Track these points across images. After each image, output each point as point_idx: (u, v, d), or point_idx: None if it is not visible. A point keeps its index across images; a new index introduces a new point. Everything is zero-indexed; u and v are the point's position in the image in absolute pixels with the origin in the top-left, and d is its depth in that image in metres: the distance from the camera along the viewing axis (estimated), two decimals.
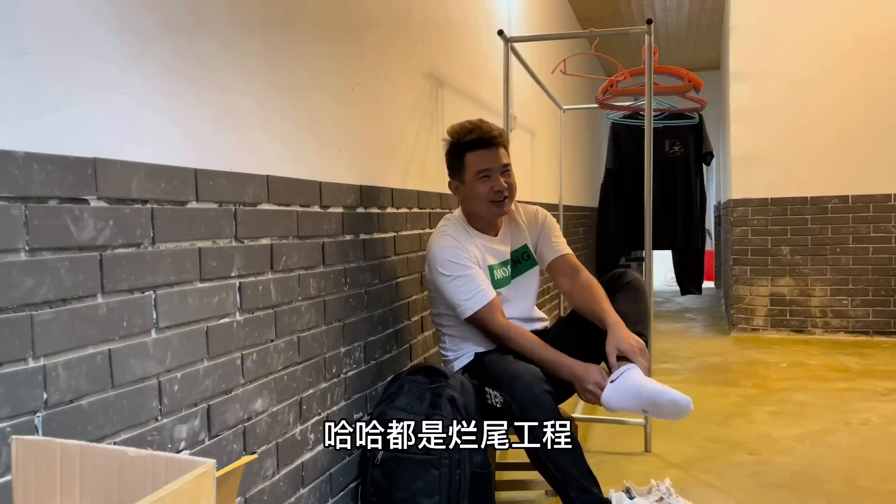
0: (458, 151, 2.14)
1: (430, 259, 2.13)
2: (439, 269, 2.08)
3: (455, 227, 2.18)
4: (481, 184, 2.11)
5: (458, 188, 2.19)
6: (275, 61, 1.65)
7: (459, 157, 2.14)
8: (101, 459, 0.89)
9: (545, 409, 1.82)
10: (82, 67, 1.11)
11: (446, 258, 2.08)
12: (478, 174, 2.11)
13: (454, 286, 2.06)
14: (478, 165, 2.11)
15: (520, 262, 2.28)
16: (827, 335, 5.36)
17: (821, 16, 5.36)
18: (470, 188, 2.14)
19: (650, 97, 2.87)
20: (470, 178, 2.12)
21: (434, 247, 2.13)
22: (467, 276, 2.05)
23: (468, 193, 2.15)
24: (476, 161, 2.11)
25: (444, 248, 2.10)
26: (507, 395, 1.88)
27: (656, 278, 8.81)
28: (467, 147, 2.11)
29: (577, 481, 1.82)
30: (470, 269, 2.07)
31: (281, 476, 1.64)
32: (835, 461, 2.72)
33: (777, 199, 5.48)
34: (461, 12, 3.19)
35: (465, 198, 2.18)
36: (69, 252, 1.08)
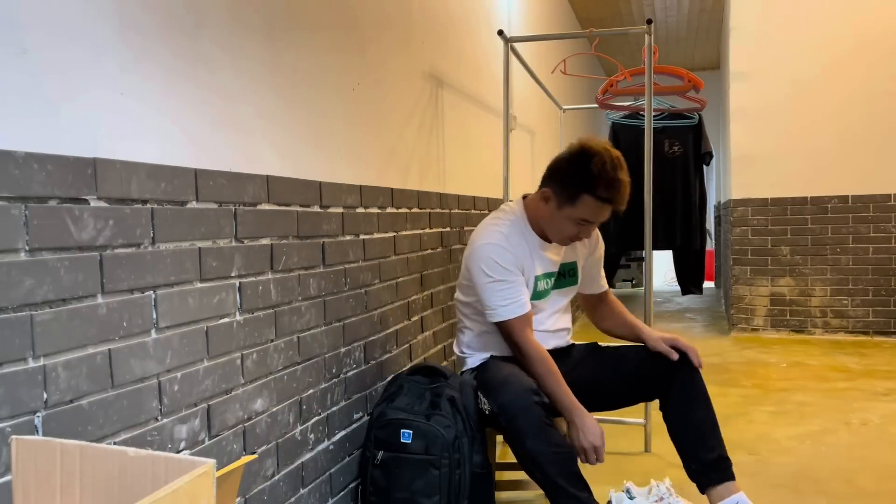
0: (583, 185, 1.92)
1: (474, 251, 1.99)
2: (482, 267, 1.95)
3: (511, 226, 2.02)
4: (573, 225, 1.98)
5: (549, 201, 1.99)
6: (275, 62, 1.65)
7: (578, 189, 1.93)
8: (101, 459, 0.89)
9: (531, 420, 1.78)
10: (82, 67, 1.11)
11: (492, 257, 1.94)
12: (581, 219, 1.96)
13: (492, 288, 1.94)
14: (588, 215, 1.95)
15: (564, 276, 2.16)
16: (827, 335, 5.36)
17: (821, 16, 5.36)
18: (560, 218, 1.98)
19: (650, 97, 2.86)
20: (568, 215, 1.96)
21: (482, 241, 1.99)
22: (508, 281, 1.94)
23: (554, 217, 1.99)
24: (589, 210, 1.94)
25: (493, 245, 1.96)
26: (495, 405, 1.84)
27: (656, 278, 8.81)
28: (595, 194, 1.91)
29: (565, 490, 1.79)
30: (513, 275, 1.95)
31: (281, 476, 1.64)
32: (835, 461, 2.72)
33: (777, 199, 5.48)
34: (461, 12, 3.19)
35: (547, 218, 2.01)
36: (69, 252, 1.08)
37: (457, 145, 3.07)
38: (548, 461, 1.78)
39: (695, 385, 2.02)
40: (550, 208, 1.99)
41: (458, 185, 3.04)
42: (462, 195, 3.08)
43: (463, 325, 2.16)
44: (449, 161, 2.94)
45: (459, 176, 3.09)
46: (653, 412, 2.73)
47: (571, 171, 1.95)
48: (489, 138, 3.54)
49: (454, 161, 3.02)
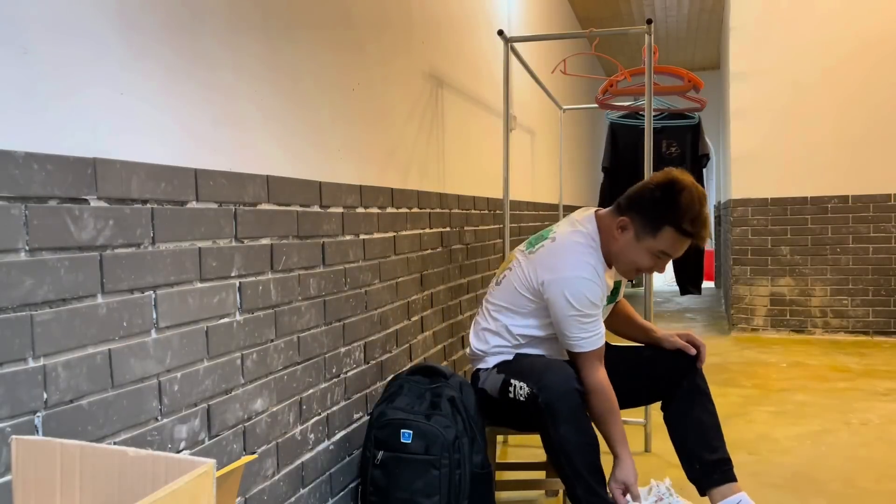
0: (666, 219, 1.88)
1: (562, 282, 1.89)
2: (570, 300, 1.87)
3: (596, 257, 1.94)
4: (651, 258, 1.93)
5: (625, 231, 1.93)
6: (275, 61, 1.65)
7: (660, 222, 1.88)
8: (101, 459, 0.89)
9: (570, 405, 1.80)
10: (82, 66, 1.11)
11: (584, 294, 1.87)
12: (659, 251, 1.91)
13: (579, 322, 1.89)
14: (668, 248, 1.90)
15: (613, 294, 2.13)
16: (827, 335, 5.36)
17: (821, 16, 5.36)
18: (636, 249, 1.93)
19: (650, 97, 2.86)
20: (648, 247, 1.91)
21: (572, 274, 1.90)
22: (595, 316, 1.91)
23: (629, 248, 1.93)
24: (671, 243, 1.89)
25: (586, 281, 1.88)
26: (535, 386, 1.83)
27: (656, 278, 8.81)
28: (678, 228, 1.87)
29: (586, 482, 1.81)
30: (598, 308, 1.92)
31: (281, 476, 1.64)
32: (835, 461, 2.72)
33: (777, 199, 5.48)
34: (461, 12, 3.19)
35: (622, 246, 1.94)
36: (69, 252, 1.08)
37: (457, 145, 3.07)
38: (576, 449, 1.80)
39: (698, 385, 2.02)
40: (627, 238, 1.93)
41: (458, 185, 3.04)
42: (462, 195, 3.08)
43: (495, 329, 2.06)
44: (449, 161, 2.94)
45: (459, 176, 3.09)
46: (653, 412, 2.74)
47: (657, 202, 1.89)
48: (489, 138, 3.54)
49: (454, 161, 3.02)
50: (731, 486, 1.94)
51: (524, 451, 2.86)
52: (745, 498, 1.92)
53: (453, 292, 2.94)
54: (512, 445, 2.95)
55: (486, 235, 3.42)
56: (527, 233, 4.37)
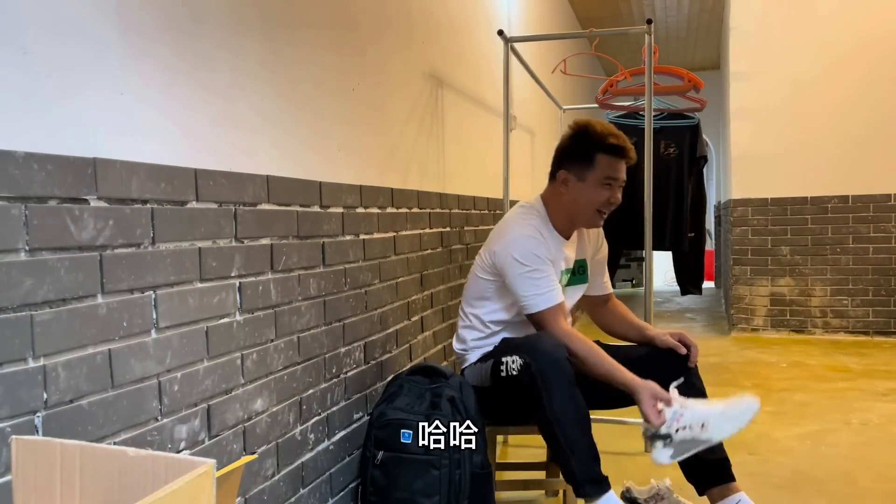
0: (592, 148, 2.02)
1: (508, 243, 2.01)
2: (516, 257, 1.97)
3: (539, 221, 2.06)
4: (603, 189, 2.02)
5: (567, 181, 2.05)
6: (275, 62, 1.65)
7: (589, 154, 2.02)
8: (101, 459, 0.89)
9: (563, 373, 1.81)
10: (82, 67, 1.11)
11: (529, 249, 1.97)
12: (605, 178, 2.02)
13: (528, 278, 1.96)
14: (608, 171, 2.02)
15: (576, 273, 2.19)
16: (827, 335, 5.36)
17: (821, 16, 5.36)
18: (588, 189, 2.03)
19: (650, 97, 2.86)
20: (593, 180, 2.02)
21: (516, 234, 2.02)
22: (544, 271, 1.97)
23: (581, 194, 2.04)
24: (608, 166, 2.01)
25: (529, 238, 2.00)
26: (527, 356, 1.83)
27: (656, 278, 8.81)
28: (606, 149, 2.01)
29: (581, 454, 1.80)
30: (548, 266, 1.99)
31: (281, 476, 1.64)
32: (835, 461, 2.72)
33: (777, 199, 5.47)
34: (461, 12, 3.19)
35: (574, 196, 2.05)
36: (69, 252, 1.08)
37: (457, 145, 3.07)
38: (571, 422, 1.80)
39: (694, 385, 2.02)
40: (573, 187, 2.05)
41: (458, 185, 3.04)
42: (462, 195, 3.08)
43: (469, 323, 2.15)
44: (449, 161, 2.94)
45: (459, 176, 3.09)
46: None
47: (576, 142, 2.05)
48: (489, 138, 3.54)
49: (454, 161, 3.02)
50: (730, 486, 1.94)
51: (524, 451, 2.86)
52: (744, 498, 1.92)
53: (453, 292, 2.93)
54: (512, 445, 2.95)
55: (486, 235, 3.40)
56: None
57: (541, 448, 2.60)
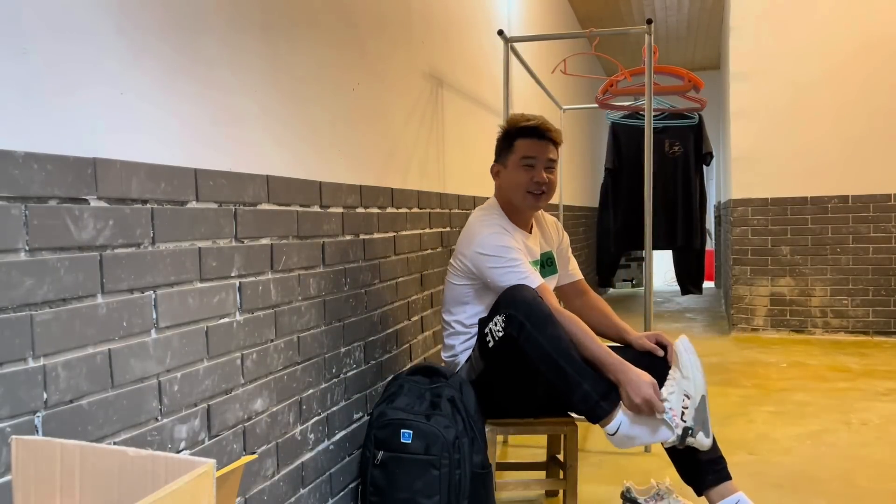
0: (511, 135, 2.16)
1: (476, 245, 2.05)
2: (488, 253, 2.02)
3: (499, 218, 2.14)
4: (523, 171, 2.11)
5: (498, 172, 2.19)
6: (275, 61, 1.65)
7: (509, 141, 2.15)
8: (101, 459, 0.89)
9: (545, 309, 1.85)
10: (82, 66, 1.11)
11: (496, 243, 2.02)
12: (522, 159, 2.11)
13: (506, 270, 1.99)
14: (525, 151, 2.12)
15: (544, 266, 2.24)
16: (827, 335, 5.36)
17: (821, 16, 5.36)
18: (511, 174, 2.13)
19: (650, 97, 2.86)
20: (513, 163, 2.13)
21: (482, 233, 2.07)
22: (518, 259, 2.01)
23: (508, 179, 2.15)
24: (524, 147, 2.12)
25: (494, 234, 2.05)
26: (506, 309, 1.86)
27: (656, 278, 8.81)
28: (520, 133, 2.13)
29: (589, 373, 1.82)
30: (520, 254, 2.03)
31: (281, 476, 1.64)
32: (835, 461, 2.72)
33: (777, 199, 5.47)
34: (461, 12, 3.19)
35: (504, 184, 2.17)
36: (69, 252, 1.08)
37: (457, 145, 3.07)
38: (568, 348, 1.83)
39: None
40: (502, 175, 2.18)
41: (458, 185, 3.04)
42: (462, 195, 3.08)
43: (450, 330, 2.19)
44: (449, 161, 2.94)
45: (459, 176, 3.09)
46: None
47: (502, 134, 2.22)
48: (489, 138, 3.53)
49: (454, 161, 3.02)
50: (728, 486, 1.94)
51: (524, 451, 2.86)
52: (742, 497, 1.91)
53: None
54: (512, 445, 2.95)
55: None
56: None
57: (541, 448, 2.60)
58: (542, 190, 2.12)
